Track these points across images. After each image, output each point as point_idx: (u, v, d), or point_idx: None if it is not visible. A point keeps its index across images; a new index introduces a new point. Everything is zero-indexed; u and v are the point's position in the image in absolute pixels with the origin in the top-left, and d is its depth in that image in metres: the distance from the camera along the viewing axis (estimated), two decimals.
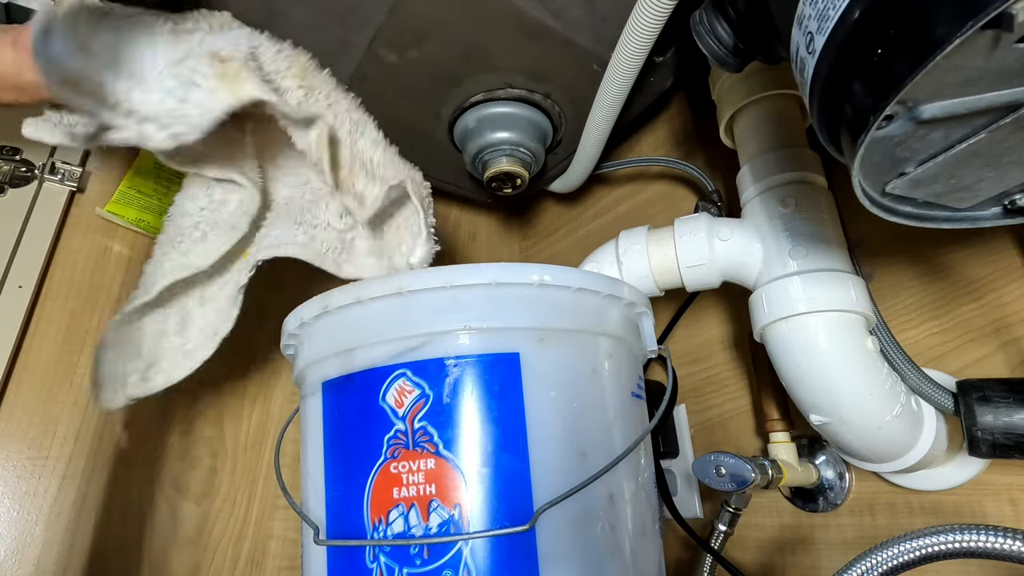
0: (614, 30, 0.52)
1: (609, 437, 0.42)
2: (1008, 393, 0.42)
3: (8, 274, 0.61)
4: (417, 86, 0.63)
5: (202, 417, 0.70)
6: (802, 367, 0.47)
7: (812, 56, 0.28)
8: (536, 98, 0.65)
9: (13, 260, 0.62)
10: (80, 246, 0.67)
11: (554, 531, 0.38)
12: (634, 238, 0.56)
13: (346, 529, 0.40)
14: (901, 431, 0.46)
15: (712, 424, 0.70)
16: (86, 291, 0.66)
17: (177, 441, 0.68)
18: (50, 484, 0.60)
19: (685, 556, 0.68)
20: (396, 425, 0.39)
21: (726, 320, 0.70)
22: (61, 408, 0.62)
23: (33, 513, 0.59)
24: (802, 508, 0.60)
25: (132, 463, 0.64)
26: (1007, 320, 0.49)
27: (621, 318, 0.47)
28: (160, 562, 0.63)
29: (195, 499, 0.67)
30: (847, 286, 0.46)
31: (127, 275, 0.69)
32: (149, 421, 0.67)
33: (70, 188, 0.67)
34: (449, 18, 0.55)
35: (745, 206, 0.54)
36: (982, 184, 0.30)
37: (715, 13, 0.42)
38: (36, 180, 0.65)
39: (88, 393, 0.63)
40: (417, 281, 0.41)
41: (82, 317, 0.65)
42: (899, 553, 0.33)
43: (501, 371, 0.40)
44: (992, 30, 0.21)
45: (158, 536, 0.64)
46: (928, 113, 0.25)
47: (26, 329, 0.62)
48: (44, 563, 0.58)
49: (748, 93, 0.56)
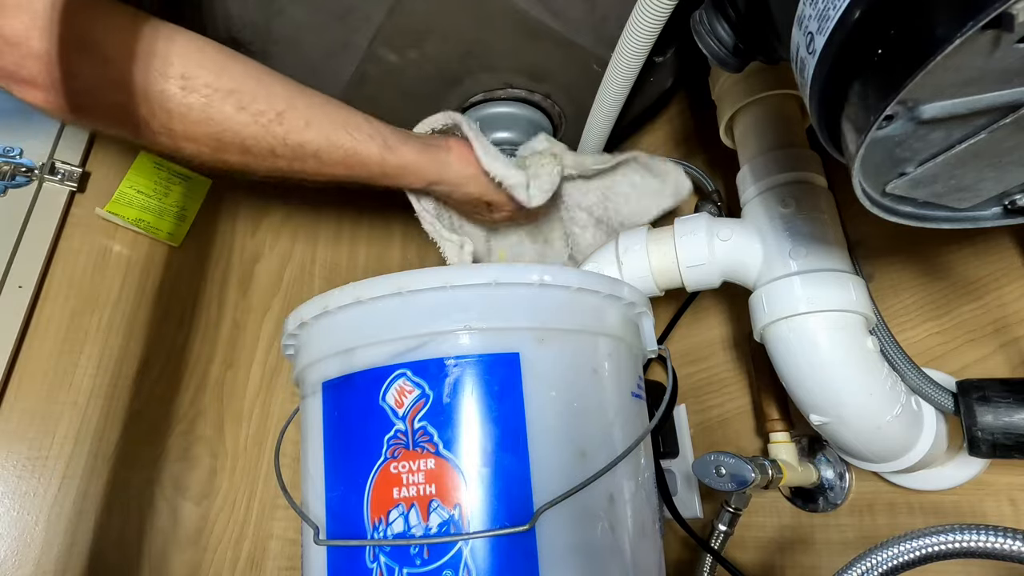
0: (614, 30, 0.52)
1: (609, 437, 0.42)
2: (1008, 393, 0.42)
3: (8, 274, 0.61)
4: (417, 86, 0.63)
5: (202, 417, 0.70)
6: (802, 367, 0.47)
7: (812, 56, 0.28)
8: (536, 98, 0.65)
9: (13, 260, 0.62)
10: (80, 246, 0.67)
11: (554, 531, 0.38)
12: (634, 238, 0.56)
13: (346, 529, 0.40)
14: (901, 431, 0.46)
15: (712, 424, 0.70)
16: (86, 291, 0.66)
17: (177, 441, 0.68)
18: (50, 484, 0.60)
19: (685, 556, 0.68)
20: (396, 425, 0.39)
21: (726, 320, 0.70)
22: (61, 408, 0.62)
23: (33, 513, 0.59)
24: (802, 508, 0.60)
25: (132, 463, 0.64)
26: (1007, 320, 0.49)
27: (621, 318, 0.47)
28: (160, 562, 0.63)
29: (195, 499, 0.67)
30: (847, 286, 0.46)
31: (127, 275, 0.69)
32: (149, 421, 0.67)
33: (70, 188, 0.67)
34: (449, 18, 0.55)
35: (745, 206, 0.54)
36: (982, 184, 0.29)
37: (715, 13, 0.42)
38: (36, 180, 0.65)
39: (88, 393, 0.63)
40: (417, 281, 0.41)
41: (82, 317, 0.65)
42: (899, 553, 0.33)
43: (501, 371, 0.40)
44: (992, 30, 0.21)
45: (158, 536, 0.64)
46: (928, 113, 0.25)
47: (26, 329, 0.62)
48: (44, 563, 0.58)
49: (748, 93, 0.56)
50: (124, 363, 0.66)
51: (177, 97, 0.45)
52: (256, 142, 0.48)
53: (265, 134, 0.48)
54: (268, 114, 0.48)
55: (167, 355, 0.70)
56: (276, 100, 0.49)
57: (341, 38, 0.58)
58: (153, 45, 0.45)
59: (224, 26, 0.58)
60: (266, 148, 0.49)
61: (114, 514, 0.62)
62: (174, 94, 0.45)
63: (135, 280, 0.70)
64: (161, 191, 0.72)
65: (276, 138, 0.49)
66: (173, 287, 0.72)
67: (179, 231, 0.73)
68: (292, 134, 0.49)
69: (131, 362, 0.67)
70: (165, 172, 0.73)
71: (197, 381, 0.71)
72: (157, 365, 0.69)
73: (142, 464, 0.65)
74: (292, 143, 0.49)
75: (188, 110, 0.46)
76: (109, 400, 0.64)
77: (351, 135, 0.51)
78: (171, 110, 0.46)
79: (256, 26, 0.58)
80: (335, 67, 0.62)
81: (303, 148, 0.50)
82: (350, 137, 0.51)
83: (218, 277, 0.76)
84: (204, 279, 0.75)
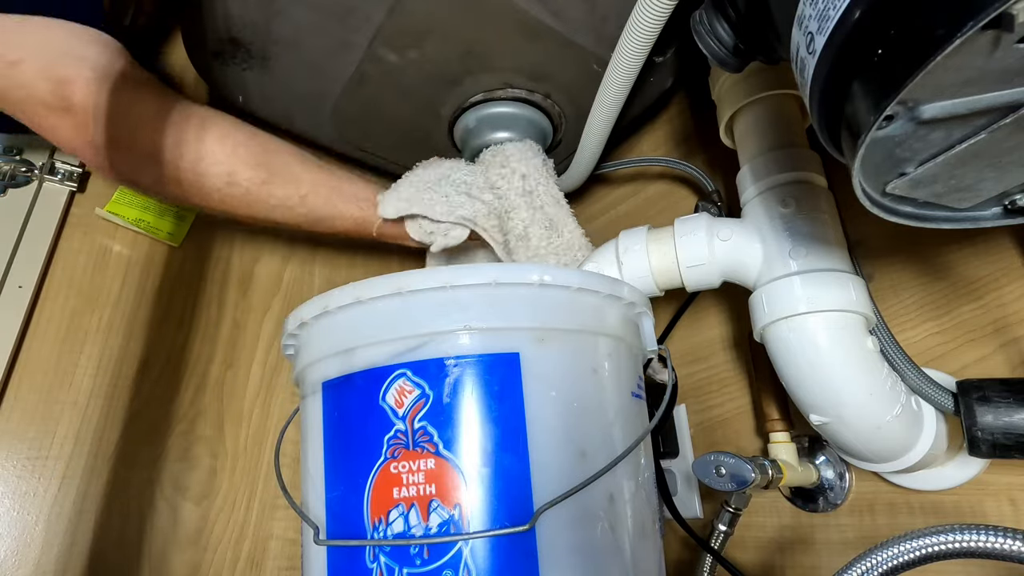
0: (614, 30, 0.52)
1: (609, 437, 0.42)
2: (1008, 393, 0.42)
3: (8, 274, 0.61)
4: (417, 86, 0.63)
5: (202, 417, 0.70)
6: (802, 367, 0.47)
7: (812, 56, 0.28)
8: (536, 98, 0.65)
9: (13, 260, 0.62)
10: (80, 246, 0.67)
11: (554, 531, 0.38)
12: (634, 238, 0.56)
13: (346, 529, 0.40)
14: (901, 431, 0.46)
15: (712, 424, 0.69)
16: (86, 291, 0.66)
17: (177, 441, 0.68)
18: (50, 484, 0.60)
19: (685, 556, 0.68)
20: (396, 425, 0.39)
21: (726, 320, 0.70)
22: (61, 408, 0.62)
23: (33, 513, 0.59)
24: (802, 508, 0.60)
25: (132, 463, 0.64)
26: (1007, 320, 0.49)
27: (621, 318, 0.47)
28: (160, 562, 0.63)
29: (195, 499, 0.67)
30: (847, 286, 0.46)
31: (127, 275, 0.69)
32: (149, 421, 0.67)
33: (70, 188, 0.67)
34: (449, 18, 0.55)
35: (745, 206, 0.54)
36: (982, 184, 0.29)
37: (715, 13, 0.42)
38: (36, 180, 0.65)
39: (88, 393, 0.63)
40: (417, 281, 0.41)
41: (82, 317, 0.65)
42: (899, 553, 0.33)
43: (501, 371, 0.40)
44: (992, 30, 0.21)
45: (158, 536, 0.64)
46: (928, 113, 0.25)
47: (26, 329, 0.62)
48: (44, 563, 0.58)
49: (748, 93, 0.56)
50: (124, 363, 0.66)
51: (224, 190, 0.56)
52: (283, 220, 0.60)
53: (291, 214, 0.59)
54: (294, 198, 0.58)
55: (167, 355, 0.70)
56: (302, 185, 0.58)
57: (341, 38, 0.58)
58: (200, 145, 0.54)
59: (224, 26, 0.58)
60: (291, 222, 0.60)
61: (114, 514, 0.62)
62: (219, 188, 0.55)
63: (135, 280, 0.70)
64: None
65: (299, 217, 0.60)
66: (173, 287, 0.72)
67: (179, 231, 0.73)
68: (313, 211, 0.60)
69: (131, 362, 0.67)
70: None
71: (197, 381, 0.71)
72: (157, 365, 0.69)
73: (142, 464, 0.65)
74: (312, 218, 0.60)
75: (229, 199, 0.56)
76: (109, 400, 0.64)
77: (360, 207, 0.61)
78: (210, 195, 0.56)
79: (256, 26, 0.58)
80: (335, 67, 0.62)
81: (320, 223, 0.61)
82: (359, 208, 0.61)
83: (218, 277, 0.76)
84: (204, 279, 0.75)
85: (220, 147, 0.55)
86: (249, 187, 0.56)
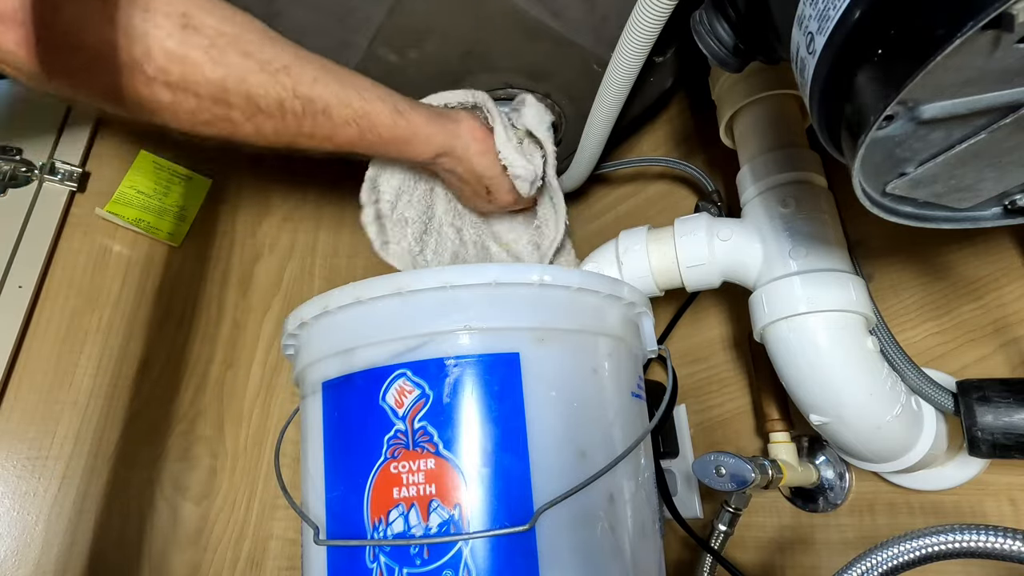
0: (614, 30, 0.52)
1: (609, 437, 0.42)
2: (1008, 393, 0.42)
3: (8, 274, 0.61)
4: (417, 86, 0.63)
5: (202, 417, 0.70)
6: (802, 367, 0.47)
7: (812, 56, 0.28)
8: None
9: (13, 260, 0.62)
10: (80, 246, 0.67)
11: (554, 531, 0.38)
12: (634, 238, 0.56)
13: (346, 529, 0.40)
14: (901, 431, 0.46)
15: (712, 424, 0.69)
16: (86, 291, 0.66)
17: (177, 441, 0.68)
18: (50, 484, 0.60)
19: (685, 556, 0.68)
20: (396, 425, 0.39)
21: (726, 320, 0.70)
22: (61, 408, 0.62)
23: (33, 513, 0.59)
24: (802, 508, 0.60)
25: (132, 463, 0.64)
26: (1007, 320, 0.49)
27: (621, 318, 0.47)
28: (160, 562, 0.63)
29: (195, 499, 0.67)
30: (847, 286, 0.46)
31: (127, 275, 0.69)
32: (149, 421, 0.67)
33: (70, 188, 0.67)
34: (449, 18, 0.55)
35: (745, 206, 0.54)
36: (983, 184, 0.29)
37: (715, 13, 0.42)
38: (36, 180, 0.65)
39: (88, 393, 0.63)
40: (417, 281, 0.41)
41: (82, 317, 0.65)
42: (899, 553, 0.33)
43: (501, 371, 0.40)
44: (992, 30, 0.21)
45: (158, 536, 0.64)
46: (928, 113, 0.25)
47: (26, 329, 0.62)
48: (44, 563, 0.58)
49: (748, 93, 0.56)
50: (124, 363, 0.66)
51: (178, 35, 0.40)
52: (264, 92, 0.44)
53: (273, 83, 0.45)
54: (275, 64, 0.45)
55: (167, 355, 0.70)
56: (282, 54, 0.46)
57: (341, 38, 0.58)
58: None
59: None
60: (274, 100, 0.45)
61: (114, 514, 0.62)
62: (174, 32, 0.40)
63: (135, 280, 0.70)
64: (161, 191, 0.72)
65: (285, 89, 0.45)
66: (173, 287, 0.72)
67: (179, 231, 0.73)
68: (300, 86, 0.46)
69: (131, 362, 0.67)
70: (165, 172, 0.73)
71: (197, 381, 0.71)
72: (157, 365, 0.69)
73: (142, 464, 0.65)
74: (301, 96, 0.46)
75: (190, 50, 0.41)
76: (109, 400, 0.64)
77: (360, 95, 0.49)
78: (170, 50, 0.40)
79: None
80: None
81: (312, 103, 0.47)
82: (359, 96, 0.49)
83: (218, 277, 0.76)
84: (204, 279, 0.75)
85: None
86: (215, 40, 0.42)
